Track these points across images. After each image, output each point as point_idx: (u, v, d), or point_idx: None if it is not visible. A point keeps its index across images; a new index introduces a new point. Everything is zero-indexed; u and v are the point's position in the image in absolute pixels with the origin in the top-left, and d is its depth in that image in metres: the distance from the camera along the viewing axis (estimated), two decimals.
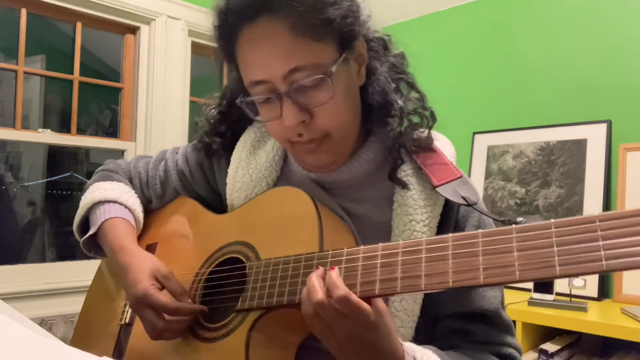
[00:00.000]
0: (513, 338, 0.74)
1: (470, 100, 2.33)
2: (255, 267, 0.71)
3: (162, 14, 2.29)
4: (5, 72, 2.17)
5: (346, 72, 0.69)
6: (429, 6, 2.49)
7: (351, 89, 0.71)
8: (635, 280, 1.73)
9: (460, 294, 0.72)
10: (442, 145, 0.79)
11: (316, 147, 0.71)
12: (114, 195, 0.91)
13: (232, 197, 0.83)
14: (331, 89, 0.66)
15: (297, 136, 0.70)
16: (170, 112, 2.31)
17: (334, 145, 0.72)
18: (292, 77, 0.65)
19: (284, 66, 0.65)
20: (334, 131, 0.70)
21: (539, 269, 0.49)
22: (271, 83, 0.67)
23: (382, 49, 0.76)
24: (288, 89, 0.66)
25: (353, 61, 0.71)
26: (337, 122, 0.69)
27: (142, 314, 0.74)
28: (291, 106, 0.67)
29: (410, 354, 0.60)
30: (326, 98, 0.66)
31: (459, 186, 0.71)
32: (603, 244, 0.47)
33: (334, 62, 0.66)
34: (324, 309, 0.56)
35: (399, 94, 0.75)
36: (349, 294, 0.55)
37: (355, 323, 0.56)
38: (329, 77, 0.65)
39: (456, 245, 0.55)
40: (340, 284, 0.56)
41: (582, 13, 2.01)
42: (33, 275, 1.97)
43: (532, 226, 0.51)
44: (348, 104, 0.71)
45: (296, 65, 0.64)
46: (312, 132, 0.69)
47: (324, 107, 0.67)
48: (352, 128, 0.74)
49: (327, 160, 0.73)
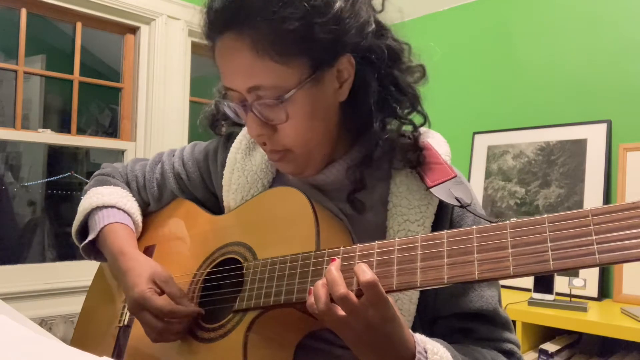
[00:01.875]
0: (512, 334, 0.75)
1: (470, 100, 2.33)
2: (252, 267, 0.71)
3: (162, 14, 2.29)
4: (5, 72, 2.17)
5: (315, 93, 0.67)
6: (429, 6, 2.49)
7: (320, 109, 0.69)
8: (635, 280, 1.73)
9: (458, 295, 0.72)
10: (437, 143, 0.78)
11: (280, 158, 0.73)
12: (112, 200, 0.91)
13: (229, 199, 0.84)
14: (284, 113, 0.66)
15: (262, 144, 0.72)
16: (170, 112, 2.31)
17: (298, 160, 0.72)
18: (252, 94, 0.67)
19: (244, 83, 0.67)
20: (296, 148, 0.70)
21: (533, 263, 0.50)
22: (238, 92, 0.69)
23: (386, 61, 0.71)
24: (250, 102, 0.68)
25: (330, 79, 0.68)
26: (297, 141, 0.70)
27: (141, 316, 0.75)
28: (253, 119, 0.69)
29: (420, 345, 0.60)
30: (282, 119, 0.67)
31: (453, 186, 0.71)
32: (596, 238, 0.47)
33: (298, 83, 0.65)
34: (346, 301, 0.56)
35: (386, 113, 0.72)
36: (378, 280, 0.55)
37: (376, 312, 0.56)
38: (282, 102, 0.65)
39: (451, 242, 0.55)
40: (369, 270, 0.56)
41: (582, 13, 2.01)
42: (33, 275, 1.97)
43: (526, 221, 0.52)
44: (312, 124, 0.69)
45: (254, 85, 0.66)
46: (274, 145, 0.71)
47: (283, 126, 0.68)
48: (320, 144, 0.72)
49: (292, 170, 0.75)
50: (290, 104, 0.66)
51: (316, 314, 0.58)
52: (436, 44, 2.52)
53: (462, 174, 0.76)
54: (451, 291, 0.72)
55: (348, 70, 0.69)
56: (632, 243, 0.45)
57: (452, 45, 2.41)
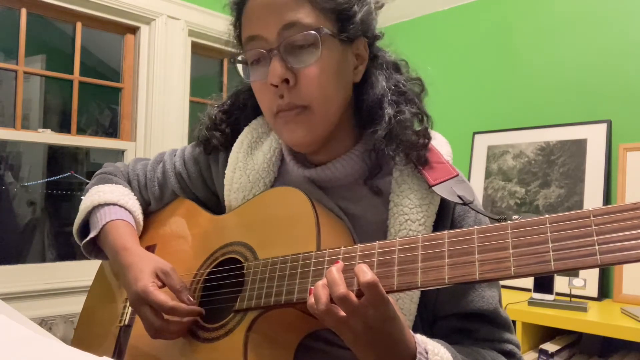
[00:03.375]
0: (512, 334, 0.75)
1: (470, 100, 2.33)
2: (253, 267, 0.71)
3: (162, 14, 2.29)
4: (5, 72, 2.17)
5: (340, 54, 0.72)
6: (429, 6, 2.49)
7: (343, 72, 0.73)
8: (635, 280, 1.73)
9: (459, 295, 0.72)
10: (438, 144, 0.79)
11: (294, 117, 0.71)
12: (114, 198, 0.91)
13: (230, 199, 0.83)
14: (319, 51, 0.68)
15: (279, 99, 0.71)
16: (170, 112, 2.31)
17: (312, 119, 0.72)
18: (285, 33, 0.68)
19: (280, 20, 0.68)
20: (315, 102, 0.70)
21: (534, 264, 0.50)
22: (265, 40, 0.70)
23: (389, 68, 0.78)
24: (278, 44, 0.69)
25: (351, 54, 0.74)
26: (319, 91, 0.70)
27: (141, 311, 0.75)
28: (278, 62, 0.69)
29: (421, 345, 0.60)
30: (312, 59, 0.68)
31: (455, 185, 0.72)
32: (597, 238, 0.47)
33: (332, 32, 0.70)
34: (346, 301, 0.56)
35: (393, 105, 0.74)
36: (378, 280, 0.55)
37: (376, 312, 0.56)
38: (320, 36, 0.68)
39: (452, 242, 0.55)
40: (369, 271, 0.56)
41: (582, 13, 2.01)
42: (33, 275, 1.97)
43: (527, 222, 0.52)
44: (335, 82, 0.72)
45: (291, 21, 0.68)
46: (294, 97, 0.70)
47: (309, 72, 0.69)
48: (334, 110, 0.74)
49: (302, 134, 0.73)
50: (323, 45, 0.68)
51: (316, 314, 0.58)
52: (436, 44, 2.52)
53: (463, 174, 0.77)
54: (452, 291, 0.72)
55: (363, 55, 0.76)
56: (633, 244, 0.45)
57: (452, 45, 2.41)
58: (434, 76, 0.79)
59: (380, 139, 0.73)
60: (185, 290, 0.75)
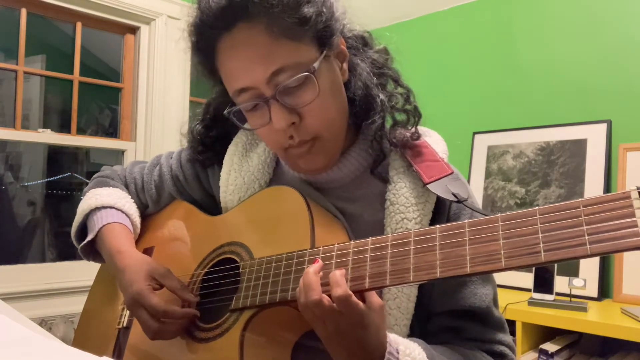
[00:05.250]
0: (505, 335, 0.74)
1: (470, 100, 2.33)
2: (248, 266, 0.71)
3: (162, 14, 2.29)
4: (5, 72, 2.17)
5: (329, 69, 0.70)
6: (429, 6, 2.49)
7: (336, 85, 0.72)
8: (635, 280, 1.73)
9: (452, 291, 0.72)
10: (434, 142, 0.79)
11: (308, 150, 0.71)
12: (111, 201, 0.92)
13: (226, 200, 0.84)
14: (316, 86, 0.66)
15: (288, 139, 0.69)
16: (170, 112, 2.31)
17: (326, 146, 0.72)
18: (276, 79, 0.65)
19: (266, 69, 0.65)
20: (324, 131, 0.70)
21: (524, 255, 0.50)
22: (256, 89, 0.67)
23: (361, 46, 0.77)
24: (274, 92, 0.66)
25: (334, 58, 0.72)
26: (326, 121, 0.69)
27: (137, 314, 0.75)
28: (279, 109, 0.66)
29: (393, 345, 0.60)
30: (312, 96, 0.66)
31: (449, 183, 0.71)
32: (587, 228, 0.47)
33: (315, 59, 0.67)
34: (319, 306, 0.57)
35: (381, 88, 0.75)
36: (350, 295, 0.56)
37: (348, 320, 0.57)
38: (313, 74, 0.66)
39: (443, 236, 0.55)
40: (342, 282, 0.57)
41: (582, 13, 2.01)
42: (33, 275, 1.97)
43: (518, 214, 0.52)
44: (335, 101, 0.71)
45: (278, 67, 0.65)
46: (303, 134, 0.69)
47: (311, 106, 0.67)
48: (341, 126, 0.74)
49: (321, 163, 0.73)
50: (318, 77, 0.66)
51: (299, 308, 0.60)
52: (436, 44, 2.53)
53: (459, 171, 0.77)
54: (445, 288, 0.72)
55: (343, 51, 0.73)
56: (623, 233, 0.45)
57: (453, 45, 2.41)
58: (434, 76, 0.79)
59: (380, 127, 0.73)
60: (186, 289, 0.76)
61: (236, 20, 0.65)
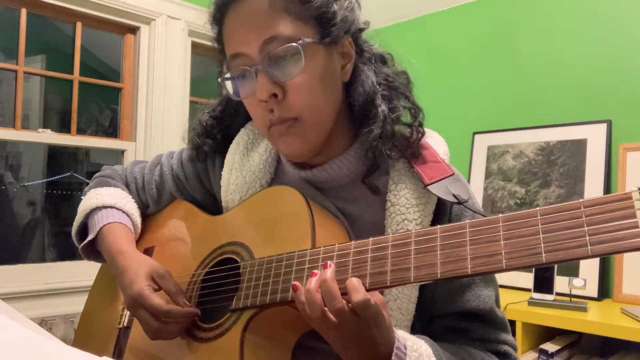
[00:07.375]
0: (508, 335, 0.75)
1: (470, 100, 2.33)
2: (249, 266, 0.71)
3: (162, 14, 2.29)
4: (5, 72, 2.17)
5: (325, 59, 0.70)
6: (429, 6, 2.49)
7: (330, 76, 0.72)
8: (635, 280, 1.73)
9: (455, 294, 0.72)
10: (435, 143, 0.79)
11: (287, 130, 0.71)
12: (111, 201, 0.92)
13: (227, 200, 0.84)
14: (302, 61, 0.67)
15: (269, 114, 0.70)
16: (170, 112, 2.31)
17: (305, 131, 0.71)
18: (267, 48, 0.67)
19: (260, 37, 0.67)
20: (306, 113, 0.70)
21: (525, 256, 0.50)
22: (248, 56, 0.69)
23: (376, 62, 0.78)
24: (262, 60, 0.68)
25: (337, 55, 0.73)
26: (309, 103, 0.69)
27: (138, 315, 0.75)
28: (264, 78, 0.68)
29: (401, 341, 0.60)
30: (297, 71, 0.67)
31: (450, 184, 0.71)
32: (588, 229, 0.47)
33: (312, 38, 0.69)
34: (342, 313, 0.57)
35: (386, 100, 0.74)
36: (369, 299, 0.56)
37: (365, 322, 0.57)
38: (302, 48, 0.67)
39: (444, 237, 0.55)
40: (361, 288, 0.57)
41: (582, 13, 2.01)
42: (33, 275, 1.97)
43: (519, 215, 0.52)
44: (324, 88, 0.71)
45: (271, 35, 0.67)
46: (283, 110, 0.69)
47: (295, 83, 0.68)
48: (326, 117, 0.73)
49: (298, 146, 0.73)
50: (305, 55, 0.67)
51: (306, 315, 0.59)
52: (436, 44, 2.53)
53: (460, 173, 0.76)
54: (448, 290, 0.72)
55: (350, 52, 0.74)
56: (624, 234, 0.45)
57: (453, 45, 2.41)
58: (434, 76, 0.79)
59: (376, 137, 0.73)
60: (180, 294, 0.76)
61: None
